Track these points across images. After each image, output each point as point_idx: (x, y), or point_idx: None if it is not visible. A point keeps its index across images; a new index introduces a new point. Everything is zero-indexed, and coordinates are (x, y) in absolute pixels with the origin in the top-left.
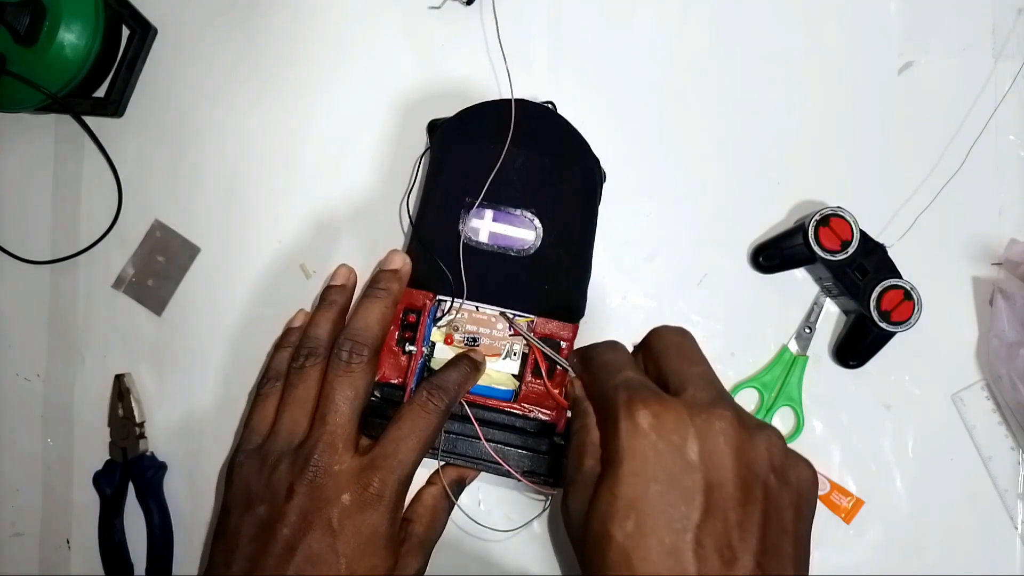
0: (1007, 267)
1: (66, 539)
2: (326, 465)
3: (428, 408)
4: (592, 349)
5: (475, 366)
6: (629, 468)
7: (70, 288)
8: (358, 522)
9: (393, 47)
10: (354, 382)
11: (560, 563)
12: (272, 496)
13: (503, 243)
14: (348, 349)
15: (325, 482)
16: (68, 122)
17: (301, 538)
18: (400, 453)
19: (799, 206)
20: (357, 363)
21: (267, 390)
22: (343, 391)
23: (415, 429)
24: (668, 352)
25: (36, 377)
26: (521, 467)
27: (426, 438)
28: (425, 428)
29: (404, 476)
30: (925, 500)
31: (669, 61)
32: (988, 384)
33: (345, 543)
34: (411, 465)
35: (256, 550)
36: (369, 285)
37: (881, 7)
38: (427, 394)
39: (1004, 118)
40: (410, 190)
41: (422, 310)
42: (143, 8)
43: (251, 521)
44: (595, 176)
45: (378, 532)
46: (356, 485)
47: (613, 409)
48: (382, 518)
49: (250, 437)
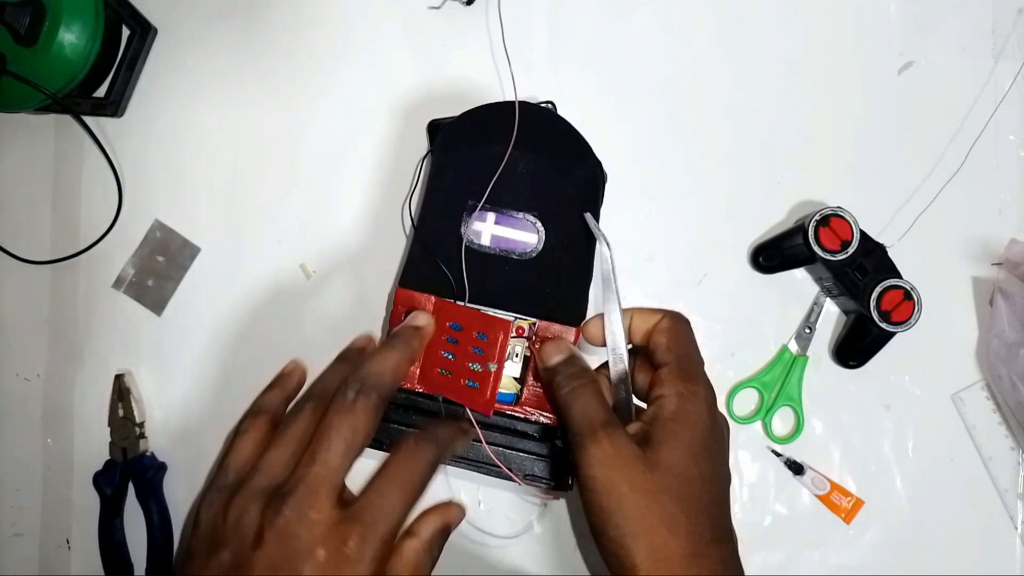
0: (1007, 267)
1: (66, 539)
2: (302, 511)
3: (417, 456)
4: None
5: (464, 433)
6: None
7: (70, 288)
8: (364, 556)
9: (393, 48)
10: (354, 423)
11: (560, 563)
12: (239, 541)
13: (505, 246)
14: (356, 389)
15: (299, 531)
16: (68, 122)
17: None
18: (385, 506)
19: (799, 206)
20: (362, 405)
21: (247, 425)
22: (341, 431)
23: (400, 480)
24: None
25: (36, 377)
26: (522, 471)
27: (412, 490)
28: (412, 479)
29: (387, 532)
30: (925, 500)
31: (669, 62)
32: (988, 384)
33: None
34: (396, 519)
35: None
36: (390, 336)
37: (881, 7)
38: (415, 442)
39: (1004, 118)
40: (412, 192)
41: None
42: (143, 8)
43: (213, 568)
44: (597, 178)
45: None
46: (333, 539)
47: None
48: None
49: (224, 474)
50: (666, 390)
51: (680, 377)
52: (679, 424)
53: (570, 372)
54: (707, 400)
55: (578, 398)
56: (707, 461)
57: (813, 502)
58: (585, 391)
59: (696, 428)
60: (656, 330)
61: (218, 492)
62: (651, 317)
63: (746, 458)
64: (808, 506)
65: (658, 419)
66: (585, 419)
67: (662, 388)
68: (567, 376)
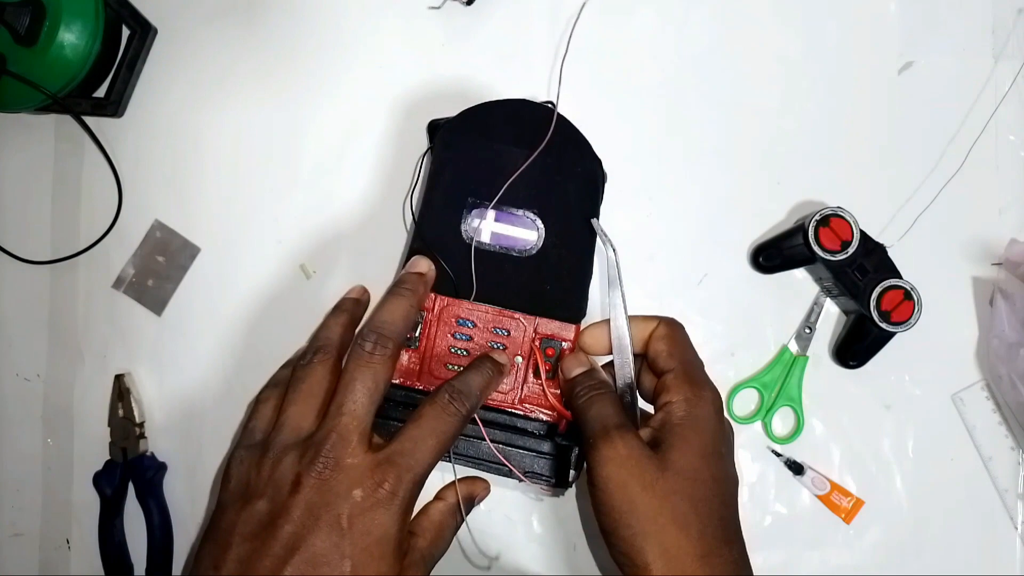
0: (1007, 267)
1: (66, 539)
2: (337, 457)
3: (449, 411)
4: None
5: (498, 369)
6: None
7: (70, 288)
8: (368, 522)
9: (393, 47)
10: (375, 373)
11: (560, 563)
12: (275, 490)
13: (505, 243)
14: (373, 340)
15: (336, 476)
16: (68, 122)
17: (305, 536)
18: (417, 452)
19: (799, 206)
20: (380, 354)
21: (266, 395)
22: (364, 381)
23: (435, 431)
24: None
25: (36, 377)
26: (523, 467)
27: (444, 441)
28: (445, 431)
29: (419, 477)
30: (925, 500)
31: (669, 61)
32: (988, 384)
33: (352, 544)
34: (427, 466)
35: (251, 550)
36: (395, 284)
37: (881, 7)
38: (449, 397)
39: (1004, 118)
40: (412, 190)
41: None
42: (143, 8)
43: (248, 519)
44: (597, 176)
45: (388, 535)
46: (370, 481)
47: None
48: (393, 520)
49: (250, 434)
50: (674, 396)
51: (687, 382)
52: (689, 428)
53: (589, 383)
54: (714, 403)
55: (594, 403)
56: (717, 463)
57: (813, 502)
58: (602, 398)
59: (706, 432)
60: (654, 337)
61: (247, 449)
62: (647, 324)
63: (746, 458)
64: (808, 506)
65: (668, 424)
66: (599, 422)
67: (669, 394)
68: (586, 387)
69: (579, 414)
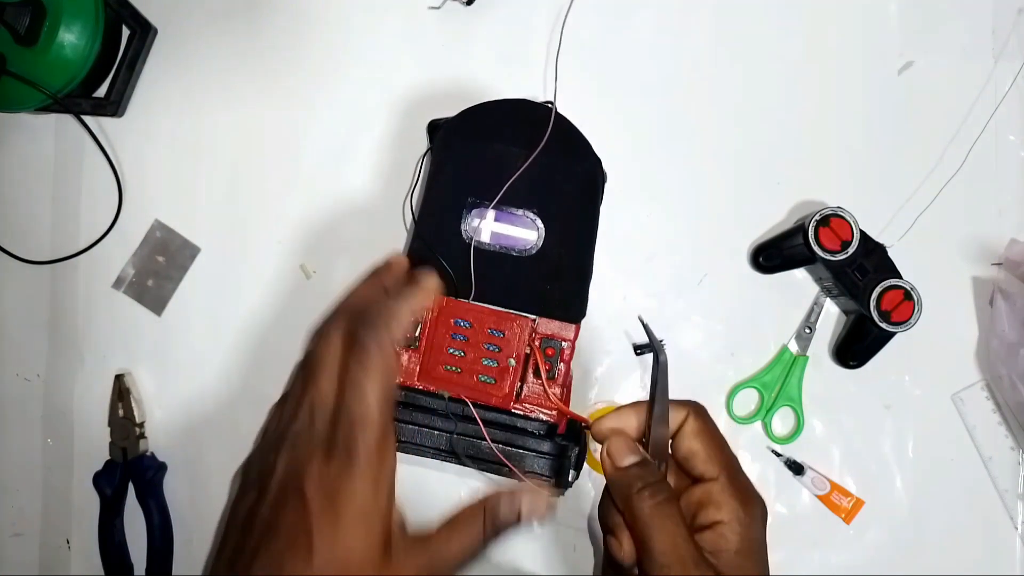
0: (1007, 267)
1: (66, 539)
2: (300, 430)
3: (368, 349)
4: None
5: (418, 290)
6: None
7: (70, 288)
8: (328, 486)
9: (393, 47)
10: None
11: (560, 563)
12: (261, 481)
13: (505, 243)
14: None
15: (300, 447)
16: (68, 122)
17: (277, 514)
18: (364, 401)
19: (799, 206)
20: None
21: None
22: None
23: (368, 373)
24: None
25: (36, 377)
26: (523, 468)
27: (383, 382)
28: (380, 370)
29: (372, 427)
30: (925, 500)
31: (670, 62)
32: (988, 384)
33: (317, 519)
34: (378, 414)
35: (236, 541)
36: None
37: (881, 7)
38: (362, 332)
39: (1004, 118)
40: (412, 190)
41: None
42: (143, 8)
43: (236, 513)
44: (597, 176)
45: (353, 501)
46: (324, 444)
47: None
48: (356, 483)
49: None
50: (724, 514)
51: (735, 497)
52: (745, 558)
53: (649, 481)
54: (764, 520)
55: (666, 520)
56: None
57: (813, 502)
58: (671, 512)
59: (760, 560)
60: (685, 433)
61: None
62: (674, 415)
63: (746, 458)
64: (808, 506)
65: (723, 551)
66: (675, 552)
67: (720, 511)
68: (648, 486)
69: (643, 526)
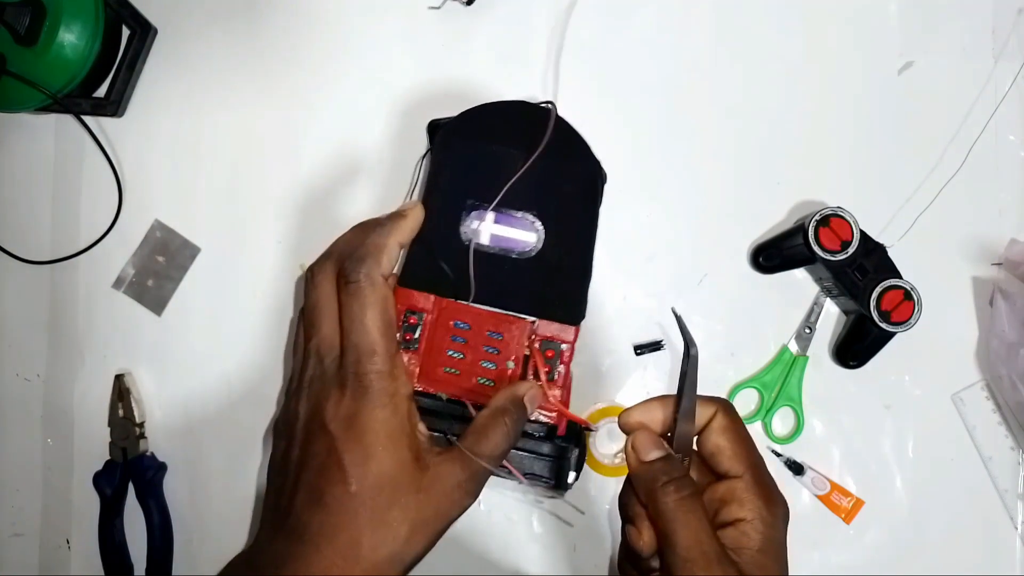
0: (1007, 267)
1: (66, 539)
2: (313, 375)
3: (362, 283)
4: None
5: (399, 219)
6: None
7: (70, 288)
8: (348, 417)
9: (393, 47)
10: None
11: (560, 563)
12: (288, 429)
13: (505, 245)
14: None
15: (316, 390)
16: (68, 122)
17: (306, 451)
18: (366, 336)
19: (799, 206)
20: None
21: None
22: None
23: (364, 306)
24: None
25: (36, 377)
26: (523, 469)
27: (380, 311)
28: (375, 302)
29: (378, 355)
30: (925, 500)
31: (669, 62)
32: (988, 384)
33: (343, 445)
34: (381, 343)
35: (277, 485)
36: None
37: (881, 7)
38: (351, 269)
39: (1004, 118)
40: (412, 191)
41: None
42: (143, 8)
43: (273, 462)
44: (596, 178)
45: (374, 425)
46: (337, 381)
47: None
48: (375, 409)
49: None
50: (747, 512)
51: (760, 496)
52: (767, 557)
53: (674, 476)
54: (786, 521)
55: (689, 515)
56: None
57: (813, 502)
58: (695, 507)
59: (781, 559)
60: (712, 430)
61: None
62: (702, 410)
63: None
64: (808, 506)
65: (745, 549)
66: (699, 547)
67: (742, 509)
68: (673, 481)
69: (667, 520)
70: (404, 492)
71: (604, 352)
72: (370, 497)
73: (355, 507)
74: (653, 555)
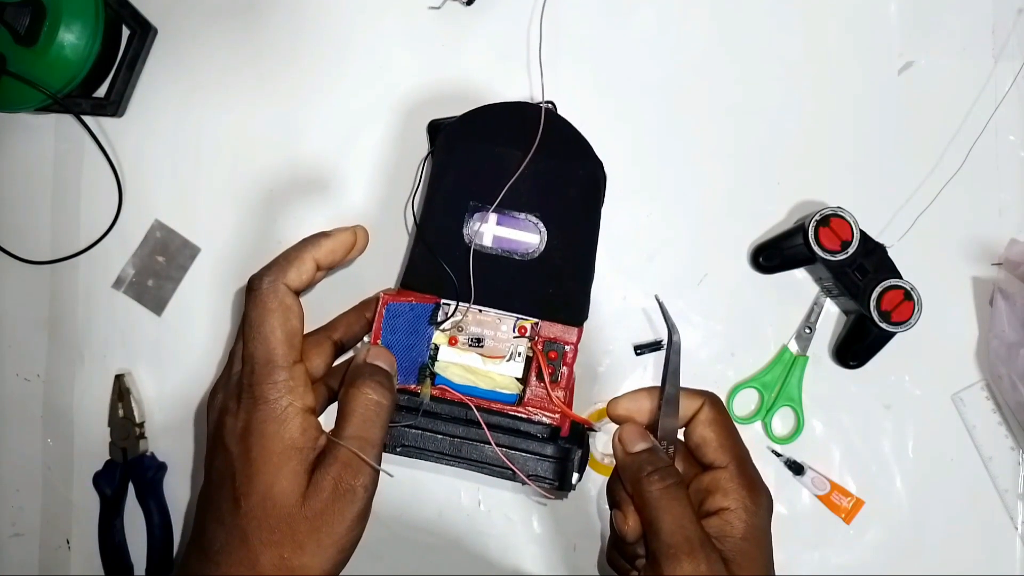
0: (1007, 267)
1: (66, 539)
2: (220, 384)
3: (264, 291)
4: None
5: (322, 236)
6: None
7: (70, 288)
8: (241, 430)
9: (393, 48)
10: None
11: (560, 563)
12: (207, 439)
13: (507, 247)
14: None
15: (219, 402)
16: (68, 122)
17: (210, 465)
18: (262, 345)
19: (799, 206)
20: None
21: None
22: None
23: (263, 315)
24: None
25: (36, 377)
26: (526, 471)
27: (280, 321)
28: (274, 310)
29: (272, 365)
30: (925, 500)
31: (669, 62)
32: (988, 384)
33: (236, 460)
34: (280, 352)
35: (202, 501)
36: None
37: (881, 7)
38: (256, 279)
39: (1004, 118)
40: (414, 192)
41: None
42: (143, 8)
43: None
44: (598, 178)
45: (263, 439)
46: (235, 392)
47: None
48: (265, 423)
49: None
50: (731, 502)
51: (743, 486)
52: (751, 544)
53: (659, 466)
54: (769, 510)
55: (673, 503)
56: (772, 572)
57: (813, 502)
58: (679, 495)
59: (765, 547)
60: (699, 421)
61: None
62: (689, 402)
63: None
64: (808, 506)
65: (728, 537)
66: (682, 533)
67: (726, 498)
68: (657, 471)
69: (652, 508)
70: (295, 507)
71: (604, 351)
72: (261, 514)
73: (246, 524)
74: (638, 540)
